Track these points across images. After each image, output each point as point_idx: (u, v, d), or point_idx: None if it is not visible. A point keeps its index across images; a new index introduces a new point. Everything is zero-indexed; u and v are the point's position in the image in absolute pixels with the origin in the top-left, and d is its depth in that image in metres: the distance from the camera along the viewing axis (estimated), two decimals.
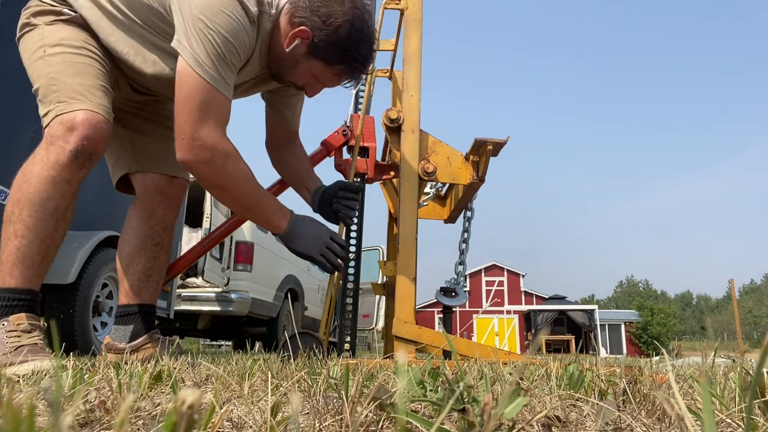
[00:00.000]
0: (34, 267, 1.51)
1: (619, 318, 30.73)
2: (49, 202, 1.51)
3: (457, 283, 2.58)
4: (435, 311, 26.91)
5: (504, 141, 2.17)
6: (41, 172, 1.51)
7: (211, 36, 1.48)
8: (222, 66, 1.51)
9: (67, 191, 1.53)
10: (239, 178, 1.61)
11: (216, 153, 1.53)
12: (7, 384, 0.96)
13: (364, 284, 2.98)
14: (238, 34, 1.52)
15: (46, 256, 1.53)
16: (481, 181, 2.27)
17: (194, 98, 1.49)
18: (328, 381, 0.90)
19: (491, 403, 0.49)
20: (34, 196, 1.50)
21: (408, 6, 2.35)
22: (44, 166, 1.51)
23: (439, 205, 2.78)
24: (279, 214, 1.73)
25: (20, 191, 1.52)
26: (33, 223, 1.50)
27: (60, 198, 1.52)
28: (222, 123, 1.56)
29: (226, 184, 1.61)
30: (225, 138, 1.57)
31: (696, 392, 0.97)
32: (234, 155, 1.59)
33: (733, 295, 11.39)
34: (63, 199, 1.53)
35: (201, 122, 1.50)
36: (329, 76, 1.72)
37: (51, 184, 1.50)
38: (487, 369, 1.30)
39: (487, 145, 2.19)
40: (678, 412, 0.50)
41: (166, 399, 0.85)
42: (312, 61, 1.66)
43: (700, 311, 73.16)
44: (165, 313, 5.04)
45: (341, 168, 2.28)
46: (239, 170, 1.60)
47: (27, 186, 1.52)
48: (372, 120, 2.34)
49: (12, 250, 1.49)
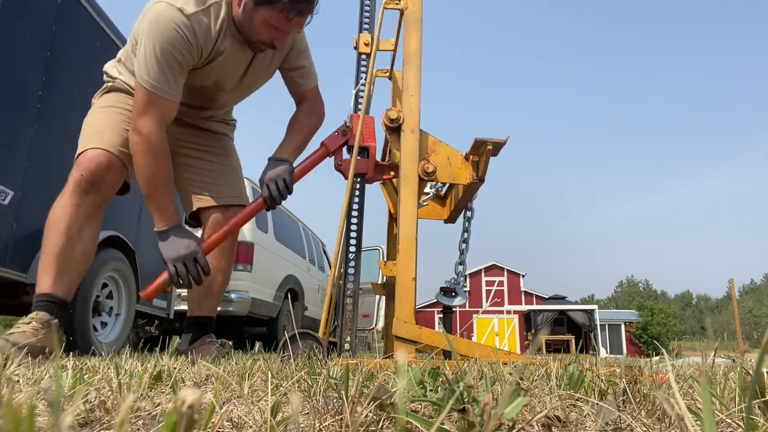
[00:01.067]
0: (52, 276, 1.83)
1: (619, 318, 30.72)
2: (60, 223, 1.84)
3: (457, 283, 2.58)
4: (435, 311, 26.90)
5: (504, 141, 2.16)
6: (57, 200, 1.90)
7: (149, 49, 1.81)
8: (161, 73, 1.83)
9: (77, 213, 1.86)
10: (144, 167, 1.88)
11: (142, 140, 1.86)
12: (7, 384, 0.96)
13: (364, 284, 2.98)
14: (176, 40, 1.82)
15: (66, 267, 1.84)
16: (481, 181, 2.27)
17: (138, 101, 1.88)
18: (328, 381, 0.90)
19: (491, 403, 0.49)
20: (51, 219, 1.87)
21: (408, 6, 2.35)
22: (60, 196, 1.91)
23: (439, 205, 2.77)
24: (163, 214, 1.95)
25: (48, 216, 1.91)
26: (50, 241, 1.84)
27: (69, 219, 1.84)
28: (160, 118, 1.88)
29: (138, 167, 1.90)
30: (158, 132, 1.88)
31: (696, 392, 0.97)
32: (153, 150, 1.88)
33: (733, 295, 11.38)
34: (73, 219, 1.85)
35: (141, 116, 1.86)
36: (280, 18, 1.90)
37: (61, 208, 1.87)
38: (487, 369, 1.29)
39: (487, 145, 2.19)
40: (678, 412, 0.50)
41: (166, 399, 0.85)
42: (260, 9, 1.88)
43: (700, 311, 73.15)
44: (165, 313, 5.04)
45: (341, 168, 2.28)
46: (147, 163, 1.88)
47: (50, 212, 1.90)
48: (372, 120, 2.34)
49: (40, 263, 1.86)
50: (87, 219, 1.88)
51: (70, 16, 3.68)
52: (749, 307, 59.82)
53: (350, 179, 2.21)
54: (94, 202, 1.90)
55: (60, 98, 3.57)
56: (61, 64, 3.57)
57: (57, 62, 3.51)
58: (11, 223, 3.14)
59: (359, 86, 2.41)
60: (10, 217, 3.12)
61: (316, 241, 8.96)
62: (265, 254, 6.36)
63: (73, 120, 3.74)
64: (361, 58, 2.48)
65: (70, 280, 1.87)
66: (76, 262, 1.87)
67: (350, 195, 2.22)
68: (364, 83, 2.40)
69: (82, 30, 3.87)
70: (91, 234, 1.91)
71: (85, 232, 1.88)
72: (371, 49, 2.45)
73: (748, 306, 59.97)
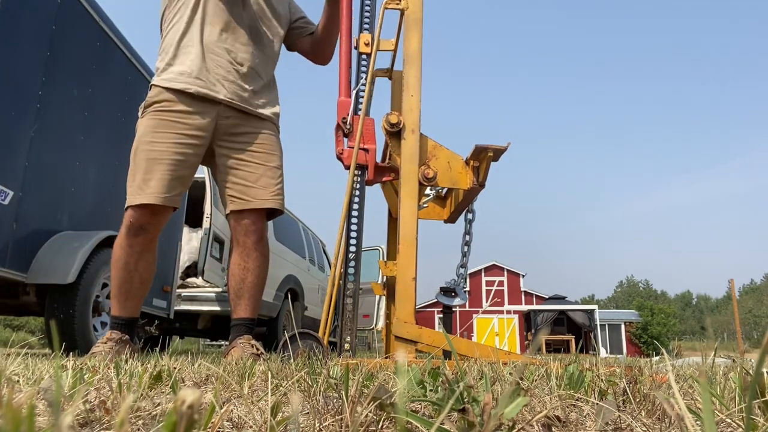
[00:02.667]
0: (120, 303, 2.21)
1: (619, 318, 30.71)
2: (119, 262, 2.18)
3: (457, 284, 2.58)
4: (435, 311, 26.89)
5: (504, 147, 2.17)
6: (116, 241, 2.21)
7: None
8: None
9: (131, 252, 2.17)
10: None
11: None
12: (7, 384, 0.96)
13: (364, 284, 2.98)
14: None
15: (129, 294, 2.20)
16: (481, 186, 2.27)
17: None
18: (328, 381, 0.90)
19: (491, 403, 0.49)
20: (113, 258, 2.20)
21: (408, 6, 2.35)
22: (118, 236, 2.21)
23: (439, 205, 2.77)
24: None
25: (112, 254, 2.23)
26: (114, 276, 2.20)
27: (126, 257, 2.17)
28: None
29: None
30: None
31: (696, 392, 0.97)
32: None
33: (733, 295, 11.39)
34: (129, 257, 2.17)
35: None
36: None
37: (118, 249, 2.19)
38: (487, 369, 1.29)
39: (488, 151, 2.19)
40: (678, 412, 0.50)
41: (166, 399, 0.85)
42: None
43: (700, 311, 73.10)
44: (165, 313, 5.04)
45: (342, 156, 2.28)
46: None
47: (113, 250, 2.22)
48: (372, 122, 2.34)
49: (111, 292, 2.24)
50: (140, 255, 2.19)
51: (70, 16, 3.67)
52: (749, 307, 59.79)
53: (351, 171, 2.22)
54: (144, 240, 2.19)
55: (60, 98, 3.57)
56: (61, 64, 3.57)
57: (57, 62, 3.51)
58: (11, 223, 3.14)
59: (359, 86, 2.41)
60: (10, 217, 3.12)
61: (316, 241, 8.96)
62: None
63: (73, 120, 3.75)
64: (361, 58, 2.48)
65: (134, 303, 2.24)
66: (136, 290, 2.22)
67: (350, 194, 2.23)
68: (364, 83, 2.40)
69: (82, 30, 3.86)
70: (146, 265, 2.22)
71: (141, 265, 2.20)
72: (371, 49, 2.45)
73: (748, 306, 59.94)
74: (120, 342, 2.15)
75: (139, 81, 4.62)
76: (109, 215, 4.15)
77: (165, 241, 4.93)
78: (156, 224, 2.20)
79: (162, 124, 2.18)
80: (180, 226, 5.39)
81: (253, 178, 2.27)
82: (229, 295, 2.33)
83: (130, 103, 4.39)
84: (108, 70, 4.19)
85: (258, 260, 2.29)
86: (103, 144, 4.11)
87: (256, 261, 2.29)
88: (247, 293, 2.28)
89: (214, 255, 5.84)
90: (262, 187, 2.27)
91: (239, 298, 2.29)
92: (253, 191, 2.26)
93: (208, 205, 5.93)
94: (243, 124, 2.31)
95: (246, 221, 2.27)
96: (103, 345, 2.12)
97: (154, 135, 2.17)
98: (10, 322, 26.47)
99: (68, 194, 3.70)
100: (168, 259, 5.02)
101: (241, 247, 2.28)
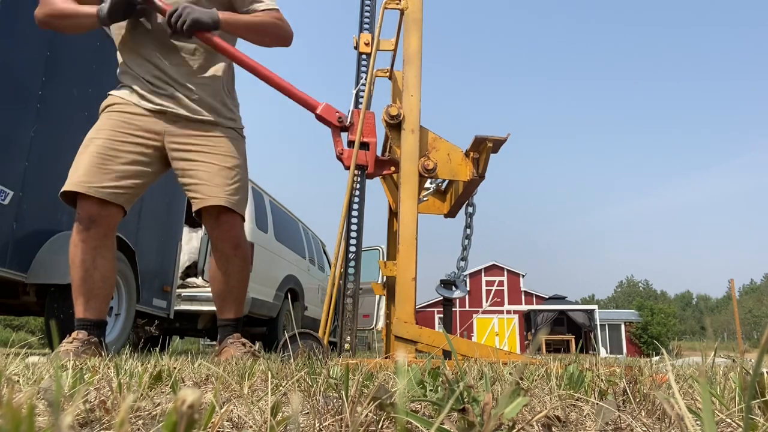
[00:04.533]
0: (82, 304, 2.13)
1: (619, 318, 30.69)
2: (76, 259, 2.11)
3: (457, 277, 2.58)
4: (435, 311, 26.88)
5: (504, 138, 2.17)
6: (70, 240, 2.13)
7: None
8: None
9: (85, 248, 2.10)
10: None
11: None
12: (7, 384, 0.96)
13: (364, 284, 2.98)
14: None
15: (91, 294, 2.12)
16: (481, 177, 2.27)
17: None
18: (328, 381, 0.90)
19: (491, 403, 0.49)
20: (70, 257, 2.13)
21: (408, 6, 2.35)
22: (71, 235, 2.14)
23: (440, 200, 2.78)
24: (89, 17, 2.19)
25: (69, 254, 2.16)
26: (72, 276, 2.13)
27: (82, 254, 2.10)
28: None
29: None
30: None
31: (696, 392, 0.97)
32: None
33: (733, 295, 11.39)
34: (85, 254, 2.10)
35: None
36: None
37: (73, 247, 2.11)
38: (487, 369, 1.29)
39: (487, 142, 2.19)
40: (678, 412, 0.50)
41: (166, 399, 0.85)
42: None
43: (700, 311, 73.07)
44: (165, 313, 5.04)
45: (341, 157, 2.29)
46: None
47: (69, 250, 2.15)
48: (372, 115, 2.35)
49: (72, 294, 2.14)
50: (97, 251, 2.12)
51: None
52: (749, 307, 59.75)
53: (351, 171, 2.22)
54: (97, 235, 2.12)
55: (60, 98, 3.57)
56: (61, 64, 3.57)
57: (57, 62, 3.51)
58: (11, 223, 3.14)
59: (359, 86, 2.42)
60: (10, 217, 3.12)
61: (316, 241, 8.96)
62: (265, 254, 6.36)
63: (73, 120, 3.75)
64: (361, 58, 2.48)
65: (97, 304, 2.15)
66: (98, 288, 2.14)
67: (350, 192, 2.23)
68: (364, 83, 2.40)
69: None
70: (105, 261, 2.15)
71: (99, 261, 2.13)
72: (371, 49, 2.45)
73: (748, 306, 59.90)
74: (87, 343, 2.07)
75: None
76: None
77: (165, 241, 4.93)
78: (106, 218, 2.13)
79: (106, 123, 2.20)
80: (180, 226, 5.38)
81: (207, 176, 2.23)
82: (213, 297, 2.34)
83: None
84: (108, 70, 4.19)
85: (238, 265, 2.30)
86: None
87: (237, 266, 2.29)
88: (231, 296, 2.31)
89: None
90: (215, 185, 2.22)
91: (224, 301, 2.31)
92: (206, 188, 2.21)
93: None
94: (196, 128, 2.28)
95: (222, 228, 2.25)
96: (69, 344, 2.04)
97: (96, 132, 2.19)
98: (10, 322, 26.47)
99: None
100: (168, 259, 5.02)
101: (220, 253, 2.27)
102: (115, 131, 2.17)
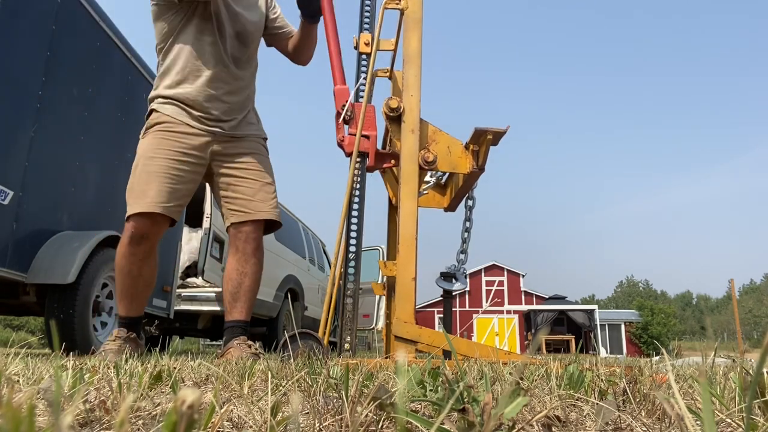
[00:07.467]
0: (126, 305, 2.37)
1: (619, 318, 30.70)
2: (124, 269, 2.31)
3: (458, 269, 2.58)
4: (435, 311, 26.87)
5: (504, 130, 2.17)
6: (119, 249, 2.33)
7: None
8: None
9: (134, 259, 2.29)
10: None
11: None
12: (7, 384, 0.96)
13: (364, 284, 2.98)
14: None
15: (134, 297, 2.36)
16: (480, 170, 2.28)
17: None
18: (328, 381, 0.90)
19: (491, 403, 0.49)
20: (117, 265, 2.33)
21: (408, 6, 2.35)
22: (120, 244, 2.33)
23: (439, 193, 2.78)
24: None
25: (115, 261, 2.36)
26: (119, 281, 2.35)
27: (129, 265, 2.30)
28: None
29: None
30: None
31: (696, 392, 0.97)
32: None
33: (733, 295, 11.39)
34: (132, 265, 2.30)
35: None
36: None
37: (121, 257, 2.31)
38: (487, 369, 1.29)
39: (487, 134, 2.20)
40: (678, 412, 0.50)
41: (166, 399, 0.85)
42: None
43: (700, 311, 73.03)
44: (165, 313, 5.04)
45: (342, 144, 2.30)
46: None
47: (116, 257, 2.34)
48: (372, 109, 2.35)
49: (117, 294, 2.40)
50: (143, 261, 2.32)
51: (70, 16, 3.67)
52: (749, 307, 59.72)
53: (353, 158, 2.22)
54: (146, 248, 2.32)
55: (60, 98, 3.57)
56: (61, 64, 3.57)
57: (57, 62, 3.51)
58: (11, 223, 3.14)
59: (359, 86, 2.42)
60: (10, 217, 3.12)
61: (316, 241, 8.96)
62: (265, 254, 6.35)
63: (73, 120, 3.75)
64: (361, 58, 2.48)
65: (139, 304, 2.40)
66: (141, 292, 2.38)
67: (352, 182, 2.23)
68: (364, 83, 2.40)
69: (82, 30, 3.86)
70: (149, 270, 2.37)
71: (144, 270, 2.34)
72: (371, 49, 2.45)
73: (748, 306, 59.86)
74: (128, 339, 2.34)
75: (139, 81, 4.62)
76: (110, 215, 4.15)
77: (165, 241, 4.92)
78: (156, 233, 2.34)
79: (161, 143, 2.35)
80: (180, 226, 5.39)
81: (251, 192, 2.44)
82: (225, 297, 2.45)
83: (130, 103, 4.39)
84: (108, 70, 4.19)
85: (255, 266, 2.44)
86: (103, 144, 4.11)
87: (254, 267, 2.43)
88: (243, 297, 2.41)
89: (214, 255, 5.84)
90: (260, 200, 2.44)
91: (236, 301, 2.41)
92: (253, 204, 2.43)
93: (208, 205, 5.93)
94: (237, 146, 2.47)
95: (247, 229, 2.42)
96: (112, 343, 2.30)
97: (154, 152, 2.33)
98: (10, 322, 26.46)
99: (68, 194, 3.70)
100: (168, 259, 5.02)
101: (240, 253, 2.41)
102: (171, 151, 2.33)
